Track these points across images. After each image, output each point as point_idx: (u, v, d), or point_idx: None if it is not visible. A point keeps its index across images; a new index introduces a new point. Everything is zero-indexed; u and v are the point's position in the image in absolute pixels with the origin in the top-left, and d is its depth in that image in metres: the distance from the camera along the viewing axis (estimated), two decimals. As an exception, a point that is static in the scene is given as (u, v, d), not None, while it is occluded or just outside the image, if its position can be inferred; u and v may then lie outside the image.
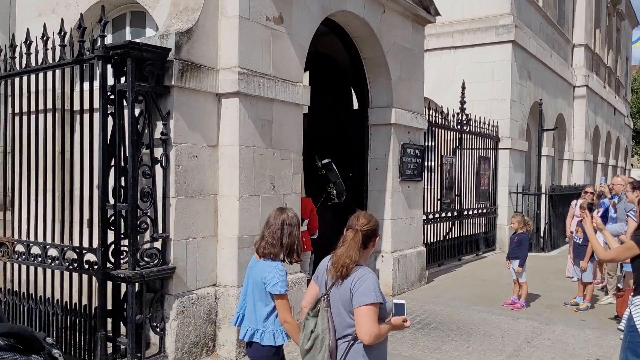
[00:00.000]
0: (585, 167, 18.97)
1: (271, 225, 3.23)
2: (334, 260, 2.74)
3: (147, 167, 4.67)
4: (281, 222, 3.22)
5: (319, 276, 2.92)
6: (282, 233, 3.20)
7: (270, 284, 3.10)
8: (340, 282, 2.70)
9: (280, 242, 3.19)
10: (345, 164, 7.69)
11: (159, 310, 4.79)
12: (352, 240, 2.74)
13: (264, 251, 3.21)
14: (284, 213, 3.27)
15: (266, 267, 3.18)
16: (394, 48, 7.69)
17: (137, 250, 4.55)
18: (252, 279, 3.26)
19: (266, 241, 3.21)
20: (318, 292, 2.89)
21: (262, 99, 5.41)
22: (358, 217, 2.85)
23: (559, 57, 16.91)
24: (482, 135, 11.76)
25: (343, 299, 2.69)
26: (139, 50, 4.50)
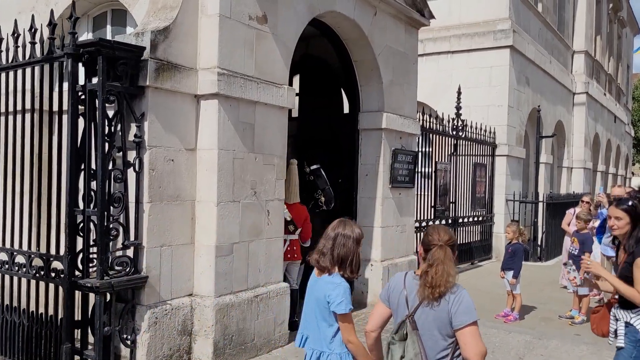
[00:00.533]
0: (584, 175, 18.74)
1: (327, 236, 3.02)
2: (429, 280, 2.55)
3: (118, 171, 4.45)
4: (336, 233, 2.99)
5: (392, 296, 2.74)
6: (334, 244, 2.96)
7: (334, 302, 2.88)
8: (436, 303, 2.56)
9: (332, 253, 2.95)
10: (334, 170, 7.46)
11: (129, 321, 4.55)
12: (446, 258, 2.58)
13: (317, 264, 2.99)
14: (342, 224, 3.04)
15: (328, 284, 2.94)
16: (385, 51, 7.48)
17: (106, 259, 4.33)
18: (313, 297, 3.02)
19: (317, 250, 3.00)
20: (387, 314, 2.77)
21: (244, 101, 5.20)
22: (438, 232, 2.68)
23: (559, 63, 16.72)
24: (479, 142, 11.55)
25: (438, 320, 2.56)
26: (111, 49, 4.28)
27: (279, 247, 5.73)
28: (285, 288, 5.73)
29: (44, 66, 4.58)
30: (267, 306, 5.46)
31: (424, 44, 13.02)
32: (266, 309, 5.45)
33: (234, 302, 5.10)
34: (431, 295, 2.55)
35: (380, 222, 7.48)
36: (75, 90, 4.32)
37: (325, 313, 2.95)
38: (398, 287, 2.74)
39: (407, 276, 2.76)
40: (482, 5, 12.89)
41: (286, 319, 5.72)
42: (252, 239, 5.36)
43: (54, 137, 4.56)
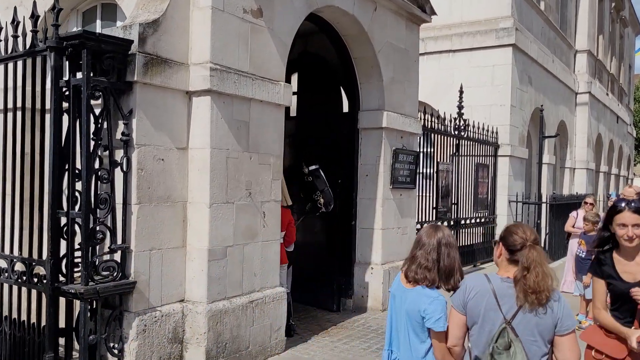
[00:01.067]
0: (587, 175, 18.51)
1: (424, 245, 2.77)
2: (532, 285, 2.40)
3: (105, 171, 4.22)
4: (437, 241, 2.75)
5: (474, 302, 2.54)
6: (439, 254, 2.73)
7: (432, 318, 2.65)
8: (541, 309, 2.44)
9: (437, 265, 2.72)
10: (333, 170, 7.23)
11: (117, 329, 4.33)
12: (542, 259, 2.45)
13: (415, 276, 2.73)
14: (439, 231, 2.81)
15: (424, 297, 2.70)
16: (386, 48, 7.25)
17: (91, 263, 4.10)
18: (403, 310, 2.76)
19: (419, 264, 2.74)
20: (464, 323, 2.61)
21: (238, 98, 4.97)
22: (524, 231, 2.53)
23: (561, 62, 16.49)
24: (481, 142, 11.32)
25: (541, 325, 2.45)
26: (96, 41, 4.06)
27: (275, 251, 5.50)
28: (282, 293, 5.50)
29: (26, 61, 4.35)
30: (263, 312, 5.23)
31: (425, 42, 12.79)
32: (262, 314, 5.22)
33: (227, 308, 4.87)
34: (537, 301, 2.41)
35: (380, 224, 7.25)
36: (59, 86, 4.10)
37: (417, 328, 2.72)
38: (482, 292, 2.53)
39: (493, 279, 2.55)
40: (484, 3, 12.66)
41: (283, 325, 5.49)
42: (247, 241, 5.13)
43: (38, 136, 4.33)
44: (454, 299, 2.67)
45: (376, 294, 7.18)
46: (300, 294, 7.53)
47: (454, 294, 2.69)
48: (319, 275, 7.37)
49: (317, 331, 6.28)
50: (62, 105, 4.15)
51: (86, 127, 4.06)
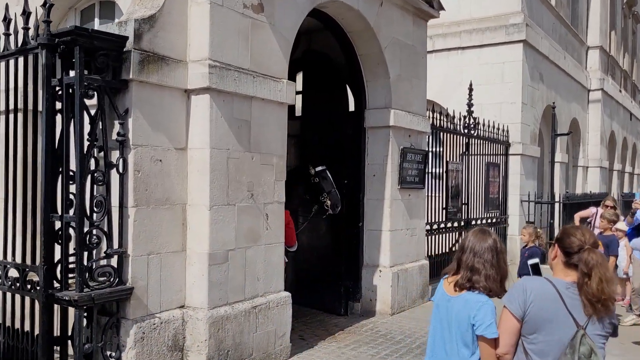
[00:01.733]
0: (600, 174, 18.16)
1: (477, 252, 2.59)
2: (596, 293, 2.29)
3: (100, 173, 4.07)
4: (492, 247, 2.61)
5: (538, 309, 2.37)
6: (499, 262, 2.59)
7: (483, 324, 2.48)
8: (606, 318, 2.38)
9: (501, 273, 2.59)
10: (340, 171, 7.03)
11: (114, 337, 4.17)
12: (605, 263, 2.35)
13: (476, 285, 2.56)
14: (490, 236, 2.66)
15: (473, 302, 2.53)
16: (392, 44, 7.06)
17: (86, 269, 3.94)
18: (451, 319, 2.59)
19: (476, 271, 2.56)
20: (518, 330, 2.43)
21: (239, 96, 4.80)
22: (582, 233, 2.42)
23: (573, 59, 16.17)
24: (492, 140, 11.06)
25: (604, 330, 2.40)
26: (89, 38, 3.91)
27: (279, 254, 5.32)
28: (286, 298, 5.32)
29: (18, 59, 4.21)
30: (266, 318, 5.05)
31: (433, 40, 12.57)
32: (266, 320, 5.04)
33: (229, 314, 4.69)
34: (603, 310, 2.33)
35: (388, 225, 7.04)
36: (51, 85, 3.96)
37: (467, 337, 2.54)
38: (545, 296, 2.36)
39: (557, 283, 2.39)
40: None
41: (287, 331, 5.30)
42: (250, 245, 4.96)
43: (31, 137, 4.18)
44: (509, 301, 2.45)
45: (385, 297, 6.98)
46: (307, 297, 7.35)
47: (508, 296, 2.48)
48: (325, 278, 7.19)
49: (324, 336, 6.09)
50: (55, 105, 4.01)
51: (80, 128, 3.91)
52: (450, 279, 2.68)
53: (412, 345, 5.80)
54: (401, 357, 5.47)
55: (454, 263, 2.69)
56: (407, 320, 6.74)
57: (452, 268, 2.70)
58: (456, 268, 2.67)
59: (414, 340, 5.99)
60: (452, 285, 2.65)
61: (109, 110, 4.16)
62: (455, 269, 2.67)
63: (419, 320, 6.78)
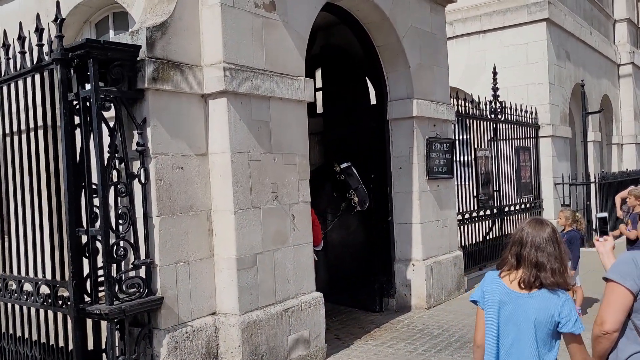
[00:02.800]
0: (637, 150, 17.56)
1: (539, 246, 2.45)
2: None
3: (122, 184, 4.05)
4: (552, 238, 2.48)
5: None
6: (562, 253, 2.47)
7: (570, 321, 2.38)
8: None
9: (564, 264, 2.47)
10: (365, 165, 6.91)
11: (147, 347, 4.14)
12: None
13: (544, 282, 2.43)
14: (547, 226, 2.52)
15: (554, 300, 2.41)
16: (410, 32, 6.89)
17: (114, 281, 3.93)
18: (527, 319, 2.44)
19: (551, 269, 2.43)
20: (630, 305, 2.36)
21: (256, 97, 4.73)
22: None
23: (600, 34, 15.66)
24: (520, 124, 10.78)
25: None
26: (102, 50, 3.88)
27: (308, 254, 5.24)
28: (318, 298, 5.24)
29: (34, 76, 4.22)
30: (299, 319, 4.98)
31: (452, 25, 12.33)
32: (299, 322, 4.97)
33: (261, 318, 4.63)
34: None
35: (419, 217, 6.90)
36: (68, 100, 3.94)
37: (546, 337, 2.43)
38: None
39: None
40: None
41: (322, 332, 5.22)
42: (277, 247, 4.89)
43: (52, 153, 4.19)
44: (622, 277, 2.32)
45: (419, 291, 6.84)
46: (341, 295, 7.27)
47: (618, 271, 2.36)
48: (358, 275, 7.09)
49: (360, 334, 5.99)
50: (73, 119, 4.00)
51: (99, 140, 3.89)
52: (511, 275, 2.51)
53: (450, 340, 5.66)
54: (440, 351, 5.33)
55: (512, 258, 2.51)
56: (444, 314, 6.59)
57: (511, 264, 2.52)
58: (516, 264, 2.51)
59: (452, 334, 5.85)
60: (516, 283, 2.48)
61: (127, 121, 4.14)
62: (515, 264, 2.51)
63: (456, 313, 6.62)
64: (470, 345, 5.53)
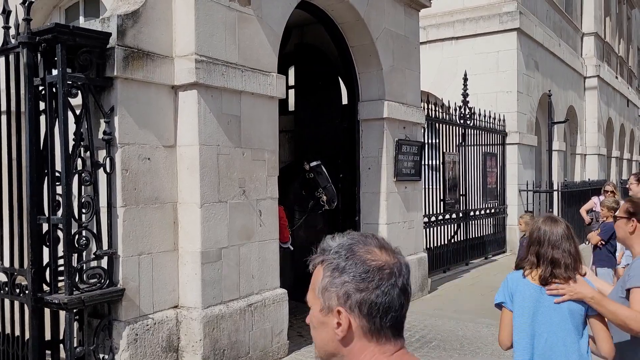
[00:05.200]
0: (599, 161, 18.10)
1: (554, 243, 2.57)
2: None
3: (87, 173, 3.99)
4: (567, 235, 2.59)
5: None
6: (576, 249, 2.58)
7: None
8: None
9: (579, 259, 2.61)
10: (335, 165, 6.96)
11: (106, 339, 4.09)
12: None
13: (565, 276, 2.55)
14: (560, 222, 2.64)
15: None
16: (384, 35, 6.96)
17: (75, 271, 3.87)
18: (563, 310, 2.55)
19: (565, 264, 2.55)
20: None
21: (227, 91, 4.71)
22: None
23: (568, 46, 16.07)
24: (488, 130, 10.99)
25: None
26: (70, 35, 3.82)
27: (274, 250, 5.25)
28: (282, 294, 5.24)
29: (-1, 59, 4.13)
30: (262, 315, 4.98)
31: (427, 30, 12.48)
32: (262, 318, 4.97)
33: (224, 312, 4.62)
34: None
35: (385, 218, 6.97)
36: (33, 84, 3.87)
37: (580, 324, 2.56)
38: None
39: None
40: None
41: (285, 328, 5.23)
42: (243, 242, 4.88)
43: (15, 139, 4.10)
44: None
45: (383, 291, 6.89)
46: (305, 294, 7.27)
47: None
48: (323, 273, 7.10)
49: (323, 332, 6.01)
50: (38, 105, 3.92)
51: (64, 127, 3.83)
52: (533, 273, 2.62)
53: (411, 339, 5.73)
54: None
55: (533, 257, 2.62)
56: (406, 314, 6.66)
57: (532, 262, 2.63)
58: (536, 262, 2.61)
59: (413, 334, 5.93)
60: (537, 279, 2.61)
61: (94, 109, 4.08)
62: (535, 262, 2.62)
63: (418, 313, 6.71)
64: (430, 345, 5.61)
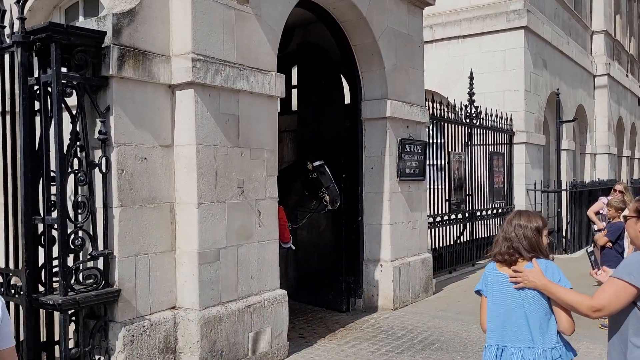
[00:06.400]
0: (609, 161, 17.88)
1: (510, 223, 2.90)
2: None
3: (82, 173, 3.96)
4: (528, 222, 2.84)
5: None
6: (534, 235, 2.84)
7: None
8: None
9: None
10: (337, 165, 6.88)
11: (102, 340, 4.06)
12: None
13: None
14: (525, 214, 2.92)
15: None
16: (387, 33, 6.89)
17: (69, 272, 3.84)
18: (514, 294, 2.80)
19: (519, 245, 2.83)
20: None
21: (225, 90, 4.67)
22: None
23: (577, 44, 15.89)
24: (495, 129, 10.87)
25: None
26: (65, 34, 3.79)
27: (273, 251, 5.19)
28: (282, 295, 5.19)
29: (-5, 59, 4.10)
30: (261, 317, 4.93)
31: (433, 29, 12.40)
32: (261, 319, 4.92)
33: (222, 314, 4.57)
34: None
35: (388, 218, 6.90)
36: (28, 84, 3.84)
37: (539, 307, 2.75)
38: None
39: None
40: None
41: (284, 330, 5.18)
42: (242, 242, 4.83)
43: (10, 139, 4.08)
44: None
45: (386, 292, 6.83)
46: (308, 294, 7.24)
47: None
48: (326, 274, 7.06)
49: (324, 334, 5.96)
50: (33, 105, 3.90)
51: (58, 126, 3.80)
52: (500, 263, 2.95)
53: (413, 341, 5.66)
54: (401, 352, 5.33)
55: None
56: (409, 315, 6.59)
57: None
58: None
59: (416, 335, 5.85)
60: (504, 269, 2.92)
61: (90, 109, 4.05)
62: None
63: (421, 314, 6.64)
64: (433, 347, 5.54)
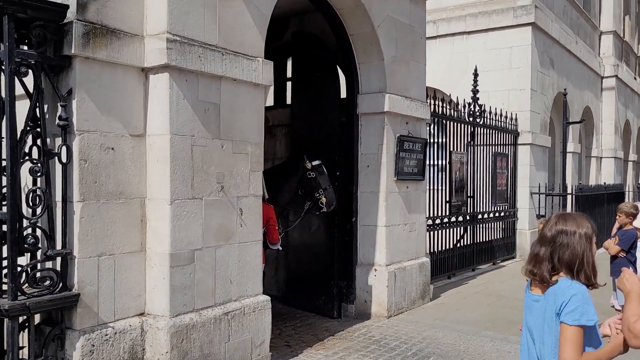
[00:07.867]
0: (615, 165, 17.43)
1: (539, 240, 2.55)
2: None
3: (38, 163, 3.53)
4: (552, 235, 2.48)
5: None
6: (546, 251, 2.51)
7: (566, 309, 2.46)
8: None
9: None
10: (331, 161, 6.45)
11: (58, 350, 3.64)
12: None
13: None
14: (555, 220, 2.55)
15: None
16: (387, 22, 6.46)
17: (19, 274, 3.41)
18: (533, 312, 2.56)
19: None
20: None
21: (205, 76, 4.24)
22: None
23: (585, 44, 15.43)
24: (499, 129, 10.43)
25: None
26: (20, 6, 3.36)
27: (256, 253, 4.76)
28: (265, 302, 4.76)
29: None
30: (241, 325, 4.50)
31: (437, 24, 11.98)
32: (240, 328, 4.50)
33: (196, 322, 4.15)
34: None
35: (384, 220, 6.46)
36: (-24, 61, 3.42)
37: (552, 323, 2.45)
38: None
39: None
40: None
41: (267, 339, 4.75)
42: (221, 243, 4.40)
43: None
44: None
45: (380, 298, 6.41)
46: (298, 298, 6.82)
47: None
48: (317, 277, 6.63)
49: (312, 342, 5.53)
50: (-17, 85, 3.47)
51: (9, 109, 3.37)
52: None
53: (407, 353, 5.23)
54: (393, 366, 4.91)
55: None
56: (404, 324, 6.16)
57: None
58: None
59: (410, 346, 5.42)
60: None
61: (51, 92, 3.63)
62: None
63: (417, 323, 6.21)
64: (429, 359, 5.11)
